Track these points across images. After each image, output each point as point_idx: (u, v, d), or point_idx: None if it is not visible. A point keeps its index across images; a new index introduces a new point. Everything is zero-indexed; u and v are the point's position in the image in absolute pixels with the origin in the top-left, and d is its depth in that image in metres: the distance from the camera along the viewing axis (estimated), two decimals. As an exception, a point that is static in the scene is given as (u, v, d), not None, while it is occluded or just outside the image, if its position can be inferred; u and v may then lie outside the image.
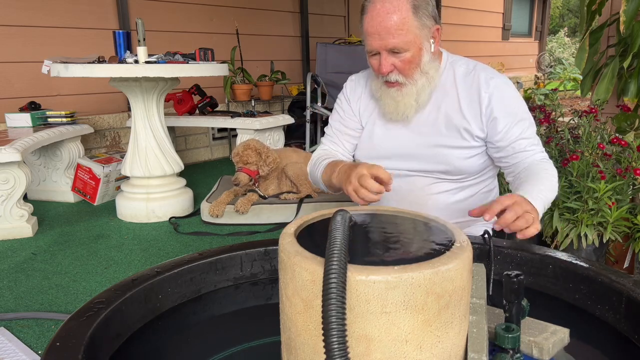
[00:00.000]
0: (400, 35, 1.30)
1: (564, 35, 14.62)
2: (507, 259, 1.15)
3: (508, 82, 1.45)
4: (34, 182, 3.38)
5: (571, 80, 9.58)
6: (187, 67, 2.72)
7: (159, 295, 1.06)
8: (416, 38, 1.33)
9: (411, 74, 1.37)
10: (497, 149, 1.44)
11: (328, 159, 1.51)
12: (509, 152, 1.41)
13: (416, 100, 1.41)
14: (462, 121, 1.43)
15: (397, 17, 1.29)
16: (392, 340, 0.69)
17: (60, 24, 3.83)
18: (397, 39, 1.30)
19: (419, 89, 1.39)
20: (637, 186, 2.01)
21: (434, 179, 1.50)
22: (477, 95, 1.42)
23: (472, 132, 1.43)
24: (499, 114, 1.40)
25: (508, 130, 1.40)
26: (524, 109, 1.44)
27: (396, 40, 1.30)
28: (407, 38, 1.31)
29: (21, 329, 1.77)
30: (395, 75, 1.37)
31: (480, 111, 1.42)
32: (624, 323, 0.96)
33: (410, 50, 1.33)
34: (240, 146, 2.87)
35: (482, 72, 1.44)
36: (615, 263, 2.03)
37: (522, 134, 1.40)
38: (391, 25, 1.29)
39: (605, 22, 2.94)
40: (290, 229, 0.84)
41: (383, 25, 1.29)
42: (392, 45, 1.31)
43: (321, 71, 4.63)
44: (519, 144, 1.40)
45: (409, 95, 1.39)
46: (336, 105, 1.64)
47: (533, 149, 1.40)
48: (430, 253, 0.77)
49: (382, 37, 1.30)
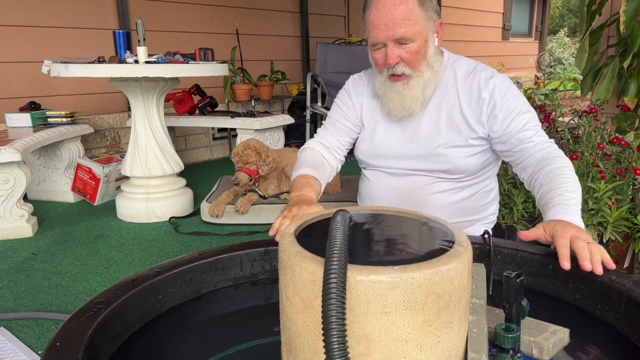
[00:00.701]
0: (407, 25, 1.30)
1: (564, 35, 14.63)
2: (507, 259, 1.15)
3: (507, 80, 1.45)
4: (34, 182, 3.38)
5: (571, 80, 9.59)
6: (187, 67, 2.73)
7: (159, 295, 1.06)
8: (422, 29, 1.33)
9: (418, 65, 1.36)
10: (502, 143, 1.43)
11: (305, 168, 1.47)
12: (515, 144, 1.40)
13: (422, 93, 1.40)
14: (463, 121, 1.43)
15: (404, 8, 1.29)
16: (392, 340, 0.69)
17: (60, 24, 3.83)
18: (404, 28, 1.30)
19: (425, 81, 1.39)
20: (637, 186, 2.01)
21: (435, 178, 1.50)
22: (477, 95, 1.42)
23: (472, 131, 1.43)
24: (500, 111, 1.40)
25: (510, 123, 1.39)
26: (524, 103, 1.44)
27: (403, 30, 1.30)
28: (414, 28, 1.31)
29: (21, 329, 1.77)
30: (401, 67, 1.36)
31: (481, 110, 1.42)
32: (624, 323, 0.96)
33: (416, 40, 1.33)
34: (240, 146, 2.87)
35: (483, 72, 1.44)
36: (615, 263, 2.03)
37: (525, 125, 1.39)
38: (398, 15, 1.29)
39: (605, 22, 2.94)
40: (290, 229, 0.84)
41: (390, 15, 1.29)
42: (399, 35, 1.31)
43: (321, 71, 4.63)
44: (523, 134, 1.39)
45: (415, 88, 1.39)
46: (337, 100, 1.62)
47: (538, 139, 1.39)
48: (431, 253, 0.77)
49: (389, 27, 1.30)
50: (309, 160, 1.52)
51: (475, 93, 1.42)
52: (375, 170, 1.57)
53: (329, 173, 1.56)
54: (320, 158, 1.56)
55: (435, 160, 1.47)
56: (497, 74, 1.46)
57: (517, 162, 1.43)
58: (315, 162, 1.52)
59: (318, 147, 1.59)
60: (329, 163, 1.58)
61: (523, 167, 1.42)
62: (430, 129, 1.46)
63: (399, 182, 1.53)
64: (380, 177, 1.56)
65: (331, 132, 1.60)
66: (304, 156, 1.56)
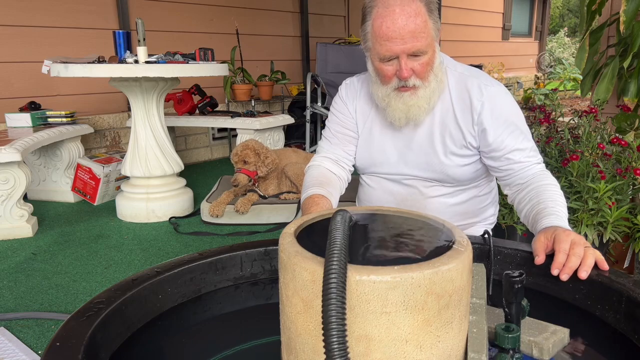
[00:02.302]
0: (423, 38, 1.26)
1: (564, 35, 14.63)
2: (507, 259, 1.15)
3: (503, 90, 1.41)
4: (34, 182, 3.38)
5: (571, 80, 9.59)
6: (187, 67, 2.73)
7: (159, 295, 1.06)
8: (432, 40, 1.30)
9: (427, 76, 1.33)
10: (491, 158, 1.41)
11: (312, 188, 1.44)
12: (504, 163, 1.38)
13: (428, 103, 1.36)
14: (456, 128, 1.40)
15: (420, 20, 1.25)
16: (392, 340, 0.69)
17: (60, 24, 3.83)
18: (421, 42, 1.26)
19: (431, 91, 1.35)
20: (637, 186, 2.01)
21: (431, 182, 1.49)
22: (469, 102, 1.38)
23: (465, 140, 1.40)
24: (490, 125, 1.36)
25: (502, 141, 1.36)
26: (519, 118, 1.40)
27: (420, 44, 1.26)
28: (427, 40, 1.27)
29: (21, 329, 1.77)
30: (413, 80, 1.32)
31: (472, 119, 1.38)
32: (624, 323, 0.96)
33: (428, 52, 1.29)
34: (239, 146, 2.87)
35: (476, 78, 1.40)
36: (615, 263, 2.03)
37: (517, 145, 1.36)
38: (415, 29, 1.24)
39: (605, 22, 2.94)
40: (290, 229, 0.84)
41: (407, 29, 1.24)
42: (416, 49, 1.26)
43: (321, 71, 4.63)
44: (514, 155, 1.36)
45: (422, 98, 1.35)
46: (332, 109, 1.59)
47: (529, 160, 1.37)
48: (431, 253, 0.77)
49: (406, 40, 1.25)
50: (315, 179, 1.49)
51: (467, 99, 1.38)
52: (372, 175, 1.56)
53: (339, 186, 1.53)
54: (327, 174, 1.53)
55: (430, 169, 1.45)
56: (493, 83, 1.41)
57: (504, 179, 1.42)
58: (322, 179, 1.49)
59: (324, 163, 1.55)
60: (338, 176, 1.54)
61: (508, 184, 1.41)
62: (425, 137, 1.43)
63: (396, 188, 1.52)
64: (378, 182, 1.55)
65: (335, 144, 1.56)
66: (310, 175, 1.52)
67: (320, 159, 1.57)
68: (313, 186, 1.44)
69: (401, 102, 1.36)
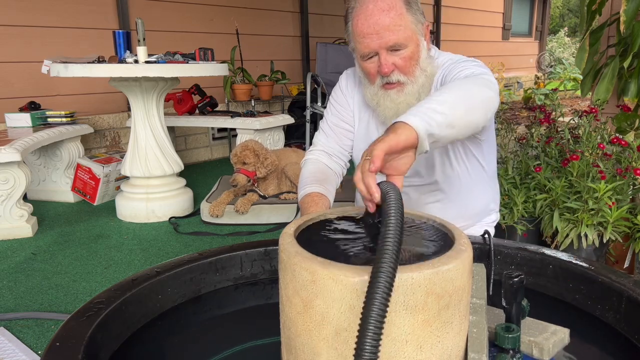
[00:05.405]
0: (399, 30, 1.26)
1: (564, 35, 14.63)
2: (507, 259, 1.15)
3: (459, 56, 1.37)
4: (34, 182, 3.38)
5: (571, 80, 9.59)
6: (187, 67, 2.72)
7: (159, 295, 1.06)
8: (413, 34, 1.28)
9: (412, 71, 1.32)
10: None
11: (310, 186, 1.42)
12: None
13: (418, 99, 1.34)
14: None
15: (394, 14, 1.25)
16: (392, 340, 0.69)
17: (60, 24, 3.83)
18: (397, 34, 1.26)
19: (420, 87, 1.34)
20: (637, 186, 2.01)
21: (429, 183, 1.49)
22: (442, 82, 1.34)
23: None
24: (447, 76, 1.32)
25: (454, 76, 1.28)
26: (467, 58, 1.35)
27: (396, 37, 1.26)
28: (405, 33, 1.27)
29: (21, 329, 1.77)
30: (396, 75, 1.31)
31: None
32: (624, 323, 0.96)
33: (409, 46, 1.28)
34: (239, 147, 2.87)
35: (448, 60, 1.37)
36: (615, 263, 2.03)
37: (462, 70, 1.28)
38: (389, 22, 1.25)
39: (605, 22, 2.94)
40: (290, 229, 0.84)
41: (381, 23, 1.25)
42: (392, 42, 1.26)
43: (321, 71, 4.63)
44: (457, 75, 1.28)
45: (410, 95, 1.33)
46: (331, 99, 1.57)
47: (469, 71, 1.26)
48: (431, 253, 0.77)
49: (382, 35, 1.26)
50: (313, 175, 1.47)
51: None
52: None
53: (335, 182, 1.52)
54: (324, 169, 1.52)
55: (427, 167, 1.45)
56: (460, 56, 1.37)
57: None
58: (319, 175, 1.48)
59: (321, 157, 1.54)
60: (333, 171, 1.53)
61: None
62: None
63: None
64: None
65: (331, 137, 1.55)
66: (308, 170, 1.51)
67: (317, 152, 1.56)
68: (311, 183, 1.44)
69: (389, 100, 1.35)
